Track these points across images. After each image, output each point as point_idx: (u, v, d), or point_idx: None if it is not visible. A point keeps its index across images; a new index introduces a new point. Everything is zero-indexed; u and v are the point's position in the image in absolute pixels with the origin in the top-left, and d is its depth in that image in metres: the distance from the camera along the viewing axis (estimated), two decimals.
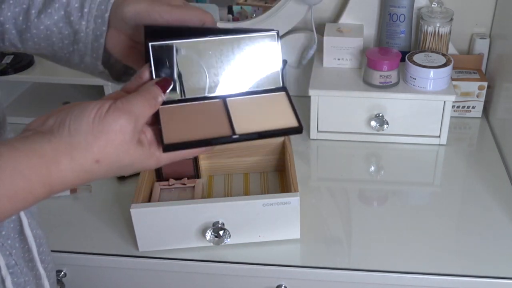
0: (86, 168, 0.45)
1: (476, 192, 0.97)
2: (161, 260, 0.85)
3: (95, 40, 0.58)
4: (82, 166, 0.44)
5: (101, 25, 0.57)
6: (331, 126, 1.11)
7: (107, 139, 0.45)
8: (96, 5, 0.57)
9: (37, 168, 0.42)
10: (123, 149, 0.46)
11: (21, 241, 0.58)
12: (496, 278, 0.80)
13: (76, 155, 0.44)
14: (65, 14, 0.58)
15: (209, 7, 1.23)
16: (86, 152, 0.44)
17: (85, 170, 0.45)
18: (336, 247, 0.86)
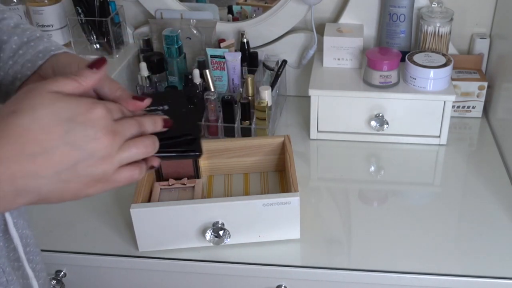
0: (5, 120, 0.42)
1: (476, 192, 0.97)
2: (161, 260, 0.85)
3: (11, 84, 0.57)
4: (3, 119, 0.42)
5: (27, 69, 0.56)
6: (331, 126, 1.11)
7: (22, 92, 0.44)
8: (35, 50, 0.57)
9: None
10: (38, 96, 0.43)
11: (6, 240, 0.57)
12: (496, 278, 0.80)
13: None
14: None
15: (209, 7, 1.23)
16: (4, 107, 0.43)
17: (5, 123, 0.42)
18: (336, 247, 0.86)
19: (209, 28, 1.20)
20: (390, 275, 0.81)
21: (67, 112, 0.44)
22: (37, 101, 0.43)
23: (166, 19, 1.21)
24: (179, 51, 1.17)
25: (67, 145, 0.43)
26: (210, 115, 1.11)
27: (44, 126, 0.42)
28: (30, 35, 0.59)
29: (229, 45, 1.17)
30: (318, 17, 1.21)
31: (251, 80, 1.09)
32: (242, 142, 0.97)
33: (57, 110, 0.43)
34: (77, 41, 1.21)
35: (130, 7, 1.25)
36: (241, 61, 1.14)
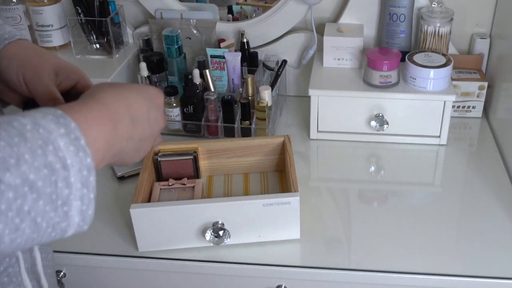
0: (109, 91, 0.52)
1: (476, 192, 0.97)
2: (160, 260, 0.85)
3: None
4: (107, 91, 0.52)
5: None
6: (331, 126, 1.11)
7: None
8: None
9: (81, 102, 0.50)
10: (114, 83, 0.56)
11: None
12: (496, 278, 0.80)
13: (96, 88, 0.53)
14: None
15: (209, 7, 1.23)
16: (101, 85, 0.54)
17: (111, 92, 0.52)
18: (336, 247, 0.86)
19: (209, 28, 1.20)
20: (390, 275, 0.81)
21: (146, 93, 0.56)
22: (126, 84, 0.56)
23: (166, 19, 1.21)
24: (179, 51, 1.17)
25: (148, 120, 0.55)
26: (210, 115, 1.11)
27: (138, 98, 0.54)
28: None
29: (229, 45, 1.17)
30: (318, 17, 1.20)
31: (251, 80, 1.09)
32: (242, 142, 0.97)
33: (140, 89, 0.56)
34: (77, 41, 1.21)
35: (130, 7, 1.25)
36: (241, 61, 1.14)
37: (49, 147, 0.41)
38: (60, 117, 0.43)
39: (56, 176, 0.41)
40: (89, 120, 0.46)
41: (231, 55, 1.13)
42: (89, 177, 0.44)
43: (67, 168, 0.42)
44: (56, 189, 0.41)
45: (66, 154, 0.42)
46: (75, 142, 0.43)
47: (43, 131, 0.42)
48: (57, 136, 0.42)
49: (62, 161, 0.42)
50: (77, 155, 0.43)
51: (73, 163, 0.42)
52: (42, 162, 0.41)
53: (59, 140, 0.42)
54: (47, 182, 0.41)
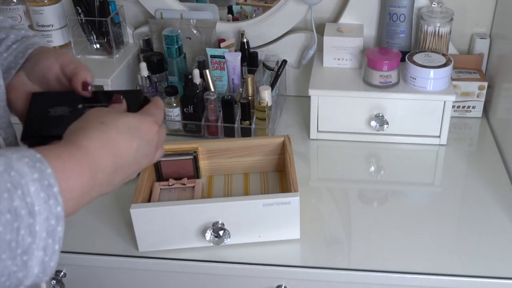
0: (98, 128, 0.51)
1: (476, 192, 0.97)
2: (161, 260, 0.85)
3: (6, 72, 0.64)
4: (94, 129, 0.51)
5: (19, 59, 0.64)
6: (331, 126, 1.11)
7: (92, 114, 0.54)
8: (25, 44, 0.65)
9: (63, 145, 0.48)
10: (111, 111, 0.55)
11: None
12: (496, 278, 0.80)
13: (81, 130, 0.51)
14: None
15: (209, 7, 1.23)
16: (88, 122, 0.52)
17: (99, 131, 0.51)
18: (336, 247, 0.86)
19: (209, 28, 1.20)
20: (390, 275, 0.81)
21: (137, 130, 0.54)
22: (116, 118, 0.53)
23: (166, 19, 1.21)
24: (179, 51, 1.17)
25: (135, 159, 0.54)
26: (210, 115, 1.11)
27: (125, 140, 0.52)
28: (24, 34, 0.67)
29: (229, 45, 1.17)
30: (318, 17, 1.20)
31: (251, 80, 1.09)
32: (242, 142, 0.97)
33: (131, 126, 0.54)
34: (77, 41, 1.21)
35: (130, 7, 1.25)
36: (241, 61, 1.14)
37: (17, 192, 0.40)
38: (37, 162, 0.42)
39: (20, 222, 0.39)
40: (67, 169, 0.45)
41: (231, 55, 1.13)
42: (56, 227, 0.42)
43: (34, 215, 0.40)
44: (17, 237, 0.39)
45: (34, 201, 0.40)
46: (48, 189, 0.41)
47: (14, 174, 0.40)
48: (29, 180, 0.40)
49: (29, 208, 0.40)
50: (47, 203, 0.41)
51: (41, 211, 0.41)
52: (6, 206, 0.39)
53: (30, 185, 0.40)
54: (8, 228, 0.39)
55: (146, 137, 0.55)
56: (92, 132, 0.50)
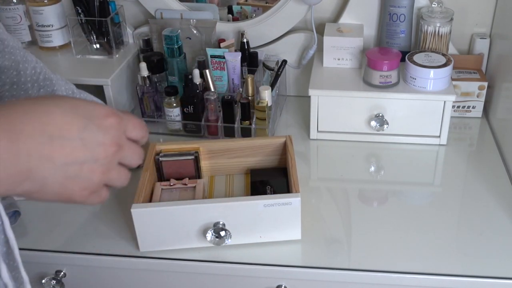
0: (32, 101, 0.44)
1: (476, 192, 0.97)
2: (161, 260, 0.85)
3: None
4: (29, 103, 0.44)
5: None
6: (331, 126, 1.11)
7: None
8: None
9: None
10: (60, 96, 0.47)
11: (3, 244, 0.56)
12: (496, 278, 0.80)
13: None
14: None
15: (209, 7, 1.23)
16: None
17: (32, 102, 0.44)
18: (336, 247, 0.86)
19: (209, 28, 1.20)
20: (390, 275, 0.82)
21: (87, 112, 0.46)
22: (62, 98, 0.46)
23: (166, 19, 1.21)
24: (179, 51, 1.17)
25: (80, 141, 0.44)
26: (210, 115, 1.11)
27: (66, 115, 0.44)
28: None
29: (229, 45, 1.17)
30: (318, 17, 1.21)
31: (251, 80, 1.09)
32: (243, 143, 0.97)
33: (79, 106, 0.46)
34: (77, 41, 1.21)
35: (130, 7, 1.25)
36: (241, 61, 1.14)
37: None
38: None
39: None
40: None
41: (231, 55, 1.13)
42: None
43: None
44: None
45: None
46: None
47: None
48: None
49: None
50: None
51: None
52: None
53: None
54: None
55: (99, 121, 0.46)
56: (22, 101, 0.43)
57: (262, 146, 0.97)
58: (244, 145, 0.97)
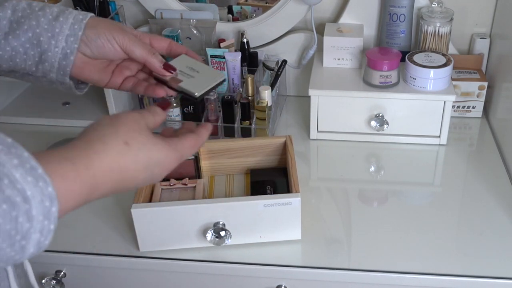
0: (118, 150, 0.49)
1: (476, 192, 0.97)
2: (161, 260, 0.85)
3: (64, 58, 0.64)
4: (115, 149, 0.49)
5: (72, 43, 0.64)
6: (331, 126, 1.11)
7: (128, 125, 0.52)
8: (68, 25, 0.63)
9: (77, 154, 0.47)
10: (142, 132, 0.53)
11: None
12: (496, 278, 0.80)
13: (106, 139, 0.49)
14: (33, 36, 0.62)
15: (209, 7, 1.23)
16: (115, 136, 0.50)
17: (118, 153, 0.49)
18: (336, 247, 0.86)
19: (209, 28, 1.20)
20: (390, 275, 0.82)
21: (157, 161, 0.53)
22: (142, 140, 0.52)
23: (166, 19, 1.21)
24: None
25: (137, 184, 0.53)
26: (210, 115, 1.11)
27: (137, 170, 0.51)
28: (52, 12, 0.65)
29: (229, 45, 1.17)
30: (318, 17, 1.21)
31: (251, 80, 1.09)
32: (243, 143, 0.97)
33: (152, 156, 0.53)
34: None
35: (130, 7, 1.25)
36: (241, 61, 1.14)
37: (4, 181, 0.38)
38: (11, 147, 0.40)
39: (17, 210, 0.39)
40: (68, 191, 0.44)
41: (231, 55, 1.13)
42: (51, 208, 0.41)
43: (28, 200, 0.39)
44: (16, 225, 0.39)
45: (25, 186, 0.39)
46: (32, 172, 0.40)
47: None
48: (11, 167, 0.39)
49: (21, 194, 0.39)
50: (37, 186, 0.40)
51: (34, 194, 0.40)
52: (0, 197, 0.38)
53: (14, 172, 0.39)
54: (7, 219, 0.38)
55: (159, 173, 0.54)
56: (110, 151, 0.49)
57: (262, 146, 0.97)
58: (244, 145, 0.97)
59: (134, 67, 0.72)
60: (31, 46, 0.62)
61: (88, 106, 1.25)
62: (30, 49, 0.63)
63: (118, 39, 0.66)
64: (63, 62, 0.64)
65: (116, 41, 0.66)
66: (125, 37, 0.66)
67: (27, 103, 1.29)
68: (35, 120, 1.22)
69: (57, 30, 0.63)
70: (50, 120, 1.22)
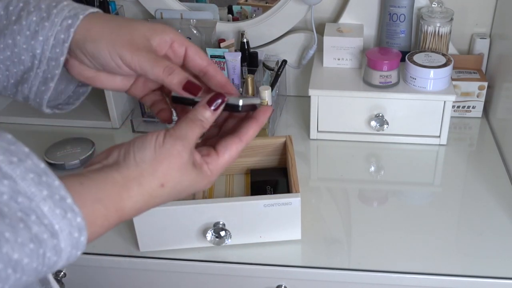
0: (152, 193, 0.47)
1: (476, 192, 0.97)
2: (161, 260, 0.85)
3: (44, 83, 0.54)
4: (149, 191, 0.47)
5: (54, 68, 0.53)
6: (331, 126, 1.11)
7: (169, 163, 0.48)
8: (49, 47, 0.52)
9: (111, 195, 0.45)
10: (182, 171, 0.49)
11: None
12: (496, 278, 0.80)
13: (143, 181, 0.47)
14: (11, 55, 0.53)
15: (209, 7, 1.23)
16: (153, 178, 0.47)
17: (151, 195, 0.47)
18: (336, 247, 0.86)
19: (209, 28, 1.20)
20: (390, 275, 0.82)
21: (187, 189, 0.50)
22: (177, 179, 0.49)
23: (166, 19, 1.21)
24: None
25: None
26: None
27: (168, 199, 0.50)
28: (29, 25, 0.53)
29: (229, 45, 1.17)
30: (318, 17, 1.21)
31: (251, 80, 1.09)
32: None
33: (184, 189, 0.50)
34: None
35: (130, 7, 1.25)
36: (241, 61, 1.14)
37: (31, 218, 0.37)
38: (43, 174, 0.39)
39: (45, 247, 0.38)
40: (97, 229, 0.43)
41: (231, 55, 1.13)
42: (80, 238, 0.40)
43: (56, 235, 0.38)
44: (43, 260, 0.38)
45: (52, 220, 0.38)
46: (61, 203, 0.39)
47: (22, 200, 0.37)
48: (39, 201, 0.38)
49: (49, 229, 0.38)
50: (65, 217, 0.39)
51: (62, 227, 0.39)
52: (26, 236, 0.37)
53: (42, 206, 0.38)
54: (34, 257, 0.37)
55: (186, 195, 0.51)
56: (144, 194, 0.47)
57: (262, 146, 0.97)
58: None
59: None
60: (11, 64, 0.54)
61: (88, 106, 1.25)
62: (11, 66, 0.54)
63: (124, 60, 0.53)
64: (42, 87, 0.55)
65: (122, 61, 0.53)
66: (134, 56, 0.52)
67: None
68: (35, 120, 1.22)
69: (38, 51, 0.52)
70: (50, 120, 1.22)
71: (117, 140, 1.17)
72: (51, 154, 1.06)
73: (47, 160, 1.04)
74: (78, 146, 1.08)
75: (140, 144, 0.48)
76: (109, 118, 1.19)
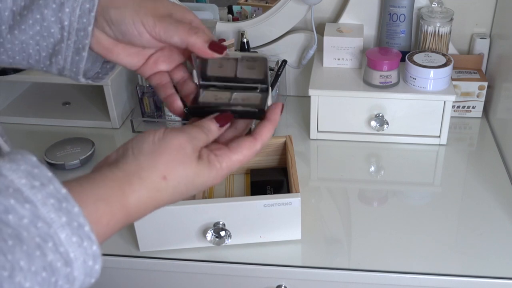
0: (155, 186, 0.46)
1: (476, 192, 0.97)
2: (161, 260, 0.85)
3: (76, 53, 0.56)
4: (152, 184, 0.46)
5: (83, 38, 0.54)
6: (331, 126, 1.11)
7: (169, 155, 0.47)
8: (76, 18, 0.54)
9: (113, 192, 0.44)
10: (185, 164, 0.48)
11: None
12: (496, 278, 0.80)
13: (144, 174, 0.46)
14: (41, 29, 0.55)
15: (209, 7, 1.23)
16: (153, 170, 0.46)
17: (155, 189, 0.46)
18: (336, 247, 0.86)
19: (209, 28, 1.20)
20: (390, 275, 0.82)
21: (198, 186, 0.49)
22: (182, 173, 0.48)
23: None
24: None
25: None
26: None
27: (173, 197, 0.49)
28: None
29: (229, 45, 1.17)
30: (318, 17, 1.21)
31: None
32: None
33: (193, 185, 0.49)
34: None
35: None
36: None
37: (48, 244, 0.37)
38: (63, 201, 0.39)
39: (57, 276, 0.37)
40: (103, 228, 0.43)
41: None
42: (94, 266, 0.39)
43: (70, 263, 0.38)
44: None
45: (68, 248, 0.38)
46: (79, 231, 0.39)
47: (41, 225, 0.37)
48: (57, 227, 0.38)
49: (64, 257, 0.38)
50: (81, 246, 0.38)
51: (77, 256, 0.38)
52: (40, 264, 0.37)
53: (60, 233, 0.38)
54: (45, 285, 0.37)
55: (196, 191, 0.50)
56: (147, 187, 0.46)
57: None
58: None
59: (174, 59, 0.60)
60: (41, 38, 0.55)
61: (88, 106, 1.25)
62: (41, 40, 0.55)
63: (148, 26, 0.53)
64: (76, 57, 0.56)
65: (145, 28, 0.53)
66: (158, 22, 0.53)
67: (27, 103, 1.29)
68: (35, 120, 1.22)
69: (66, 23, 0.54)
70: (50, 120, 1.22)
71: (117, 140, 1.17)
72: (51, 154, 1.06)
73: (47, 160, 1.04)
74: (78, 146, 1.08)
75: (139, 139, 0.48)
76: (109, 118, 1.19)
